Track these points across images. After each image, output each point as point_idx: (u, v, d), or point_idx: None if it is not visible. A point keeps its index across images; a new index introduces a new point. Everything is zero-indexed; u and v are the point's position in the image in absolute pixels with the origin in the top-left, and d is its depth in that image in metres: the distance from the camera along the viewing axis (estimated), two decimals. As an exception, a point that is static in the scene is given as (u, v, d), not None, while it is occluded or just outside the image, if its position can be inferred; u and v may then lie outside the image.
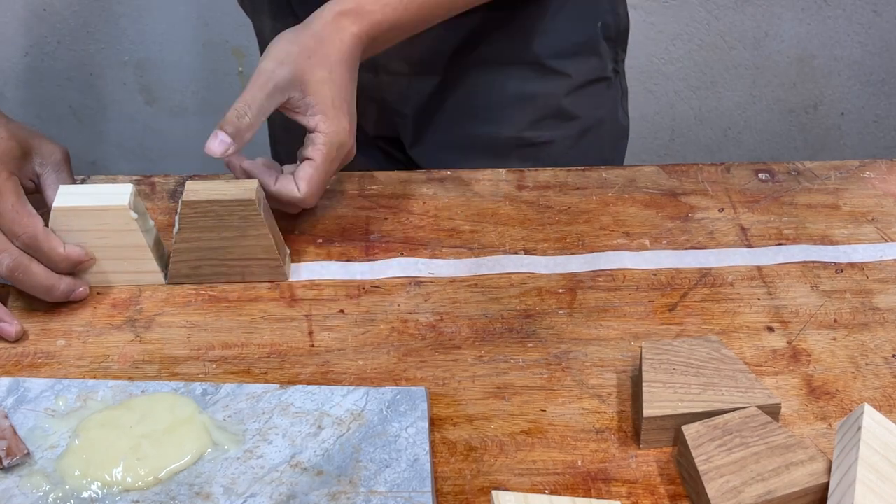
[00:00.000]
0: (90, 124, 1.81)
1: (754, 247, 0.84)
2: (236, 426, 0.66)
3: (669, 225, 0.87)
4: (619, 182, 0.92)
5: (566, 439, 0.68)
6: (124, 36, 1.72)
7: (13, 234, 0.74)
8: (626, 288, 0.80)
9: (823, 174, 0.94)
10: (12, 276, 0.74)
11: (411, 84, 0.99)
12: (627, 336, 0.76)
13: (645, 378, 0.67)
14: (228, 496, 0.62)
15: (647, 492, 0.64)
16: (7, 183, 0.74)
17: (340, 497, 0.62)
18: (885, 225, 0.87)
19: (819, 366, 0.73)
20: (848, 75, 1.79)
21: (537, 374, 0.72)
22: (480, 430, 0.68)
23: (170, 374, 0.72)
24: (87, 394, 0.69)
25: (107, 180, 0.90)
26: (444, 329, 0.76)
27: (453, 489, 0.64)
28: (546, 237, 0.85)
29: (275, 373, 0.72)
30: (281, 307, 0.78)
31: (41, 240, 0.74)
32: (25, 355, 0.73)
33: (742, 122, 1.85)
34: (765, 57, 1.77)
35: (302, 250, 0.84)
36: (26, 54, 1.71)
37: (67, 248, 0.75)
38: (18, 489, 0.62)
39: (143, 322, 0.77)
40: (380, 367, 0.73)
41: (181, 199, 0.76)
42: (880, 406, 0.70)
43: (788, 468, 0.61)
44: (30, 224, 0.74)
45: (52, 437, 0.65)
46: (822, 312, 0.78)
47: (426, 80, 0.99)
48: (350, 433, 0.66)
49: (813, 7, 1.72)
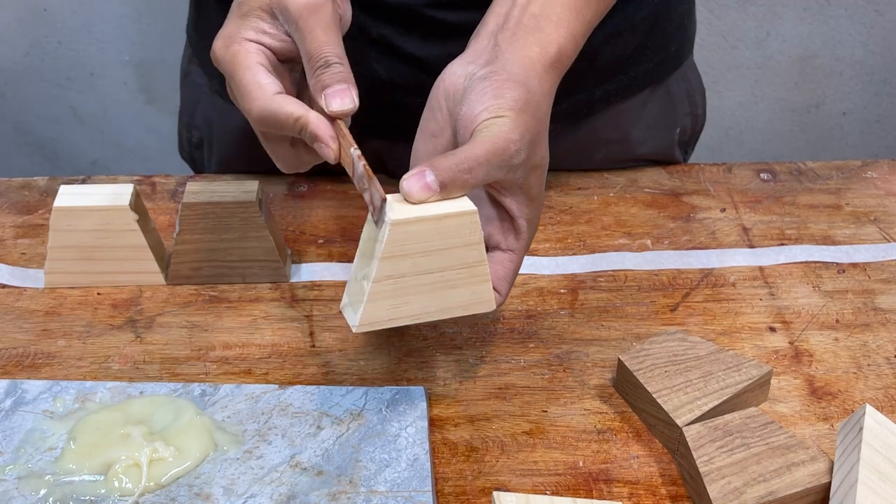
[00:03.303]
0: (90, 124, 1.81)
1: (756, 247, 0.84)
2: (235, 427, 0.66)
3: (671, 225, 0.87)
4: (621, 182, 0.92)
5: (567, 440, 0.67)
6: (124, 36, 1.72)
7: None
8: (628, 288, 0.80)
9: (825, 174, 0.93)
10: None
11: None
12: (629, 337, 0.75)
13: (650, 388, 0.67)
14: (228, 497, 0.61)
15: (649, 492, 0.64)
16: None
17: (341, 497, 0.62)
18: (887, 225, 0.87)
19: (821, 366, 0.73)
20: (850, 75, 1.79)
21: (539, 375, 0.72)
22: (482, 431, 0.68)
23: (170, 375, 0.72)
24: (86, 395, 0.69)
25: (107, 180, 0.90)
26: (446, 329, 0.76)
27: (454, 490, 0.64)
28: (547, 237, 0.85)
29: (275, 373, 0.72)
30: (282, 308, 0.78)
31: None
32: (26, 356, 0.73)
33: (744, 121, 1.85)
34: (766, 56, 1.77)
35: (303, 251, 0.84)
36: (26, 54, 1.71)
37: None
38: (17, 491, 0.62)
39: (144, 322, 0.76)
40: (381, 367, 0.73)
41: (181, 200, 0.76)
42: (882, 407, 0.70)
43: (790, 469, 0.61)
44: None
45: (51, 439, 0.65)
46: (824, 313, 0.78)
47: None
48: (350, 433, 0.66)
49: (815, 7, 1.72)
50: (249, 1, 0.67)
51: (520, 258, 0.67)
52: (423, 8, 0.82)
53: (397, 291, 0.60)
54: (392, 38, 0.84)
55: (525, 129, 0.63)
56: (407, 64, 0.84)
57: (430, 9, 0.82)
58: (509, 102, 0.63)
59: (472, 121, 0.63)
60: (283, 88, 0.65)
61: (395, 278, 0.59)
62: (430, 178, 0.60)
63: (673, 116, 0.96)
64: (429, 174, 0.60)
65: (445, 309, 0.62)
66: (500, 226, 0.67)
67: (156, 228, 0.81)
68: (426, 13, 0.82)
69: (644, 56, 0.91)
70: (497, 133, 0.62)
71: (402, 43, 0.84)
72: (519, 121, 0.63)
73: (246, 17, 0.67)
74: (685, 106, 0.97)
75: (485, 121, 0.62)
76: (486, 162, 0.61)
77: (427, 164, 0.61)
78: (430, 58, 0.82)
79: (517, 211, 0.66)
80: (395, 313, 0.60)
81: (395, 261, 0.59)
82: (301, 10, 0.65)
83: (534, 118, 0.64)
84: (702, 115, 1.00)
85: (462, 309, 0.62)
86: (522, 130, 0.63)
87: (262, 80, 0.65)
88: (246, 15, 0.67)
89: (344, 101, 0.64)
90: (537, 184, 0.66)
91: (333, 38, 0.65)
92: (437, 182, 0.60)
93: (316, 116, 0.63)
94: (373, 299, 0.59)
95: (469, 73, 0.65)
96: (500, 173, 0.63)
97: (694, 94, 0.98)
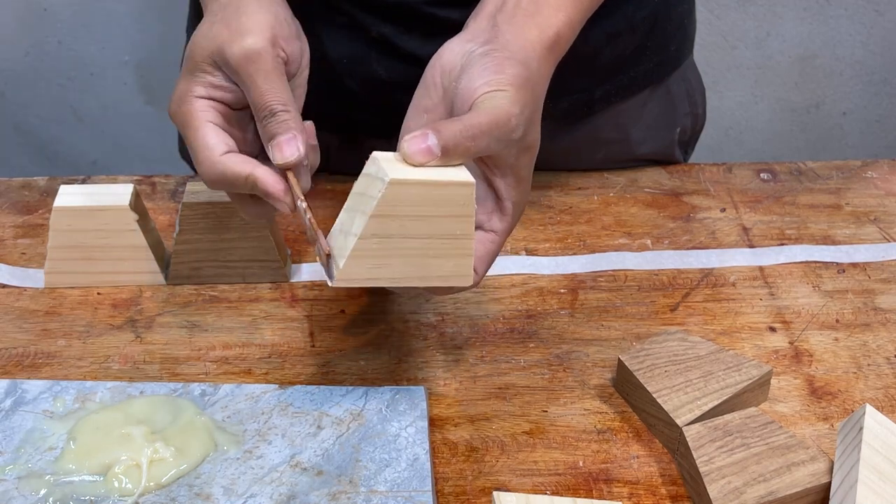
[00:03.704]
0: (90, 124, 1.81)
1: (756, 247, 0.84)
2: (235, 427, 0.66)
3: (671, 225, 0.87)
4: (621, 182, 0.92)
5: (567, 440, 0.67)
6: (124, 36, 1.71)
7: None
8: (628, 288, 0.80)
9: (825, 174, 0.93)
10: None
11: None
12: (629, 336, 0.75)
13: (650, 388, 0.67)
14: (228, 497, 0.61)
15: (649, 492, 0.64)
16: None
17: (341, 497, 0.62)
18: (887, 225, 0.87)
19: (821, 366, 0.73)
20: (850, 75, 1.79)
21: (539, 375, 0.72)
22: (482, 431, 0.68)
23: (170, 375, 0.72)
24: (86, 395, 0.69)
25: (107, 180, 0.90)
26: (446, 329, 0.76)
27: (455, 490, 0.64)
28: (548, 237, 0.85)
29: (275, 373, 0.72)
30: (282, 307, 0.78)
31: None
32: (26, 356, 0.73)
33: (744, 121, 1.84)
34: (766, 56, 1.77)
35: (303, 251, 0.84)
36: (26, 54, 1.71)
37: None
38: (17, 491, 0.62)
39: (144, 322, 0.76)
40: (381, 367, 0.73)
41: (181, 200, 0.76)
42: (882, 406, 0.70)
43: (790, 468, 0.61)
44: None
45: (51, 439, 0.65)
46: (824, 313, 0.78)
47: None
48: (349, 433, 0.66)
49: (815, 7, 1.72)
50: (194, 55, 0.66)
51: (502, 241, 0.66)
52: (423, 6, 0.82)
53: (381, 251, 0.59)
54: (392, 37, 0.84)
55: (524, 104, 0.63)
56: (407, 63, 0.84)
57: (430, 7, 0.82)
58: (509, 78, 0.63)
59: (471, 93, 0.63)
60: (233, 146, 0.65)
61: (381, 237, 0.58)
62: (433, 141, 0.59)
63: (673, 116, 0.96)
64: (431, 137, 0.59)
65: (424, 277, 0.61)
66: (486, 205, 0.66)
67: (156, 228, 0.81)
68: (426, 11, 0.82)
69: (644, 56, 0.91)
70: (499, 105, 0.61)
71: (403, 42, 0.84)
72: (518, 97, 0.62)
73: (193, 73, 0.67)
74: (685, 106, 0.97)
75: (485, 93, 0.62)
76: (487, 132, 0.61)
77: (430, 127, 0.60)
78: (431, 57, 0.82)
79: (505, 192, 0.65)
80: (374, 273, 0.59)
81: (384, 220, 0.58)
82: (239, 60, 0.64)
83: (532, 97, 0.64)
84: (702, 114, 1.00)
85: (440, 280, 0.61)
86: (522, 106, 0.62)
87: (210, 140, 0.65)
88: (193, 70, 0.67)
89: (291, 150, 0.63)
90: (527, 166, 0.65)
91: (277, 86, 0.64)
92: (440, 146, 0.59)
93: (264, 172, 0.63)
94: (355, 255, 0.58)
95: (467, 51, 0.65)
96: (499, 146, 0.62)
97: (694, 94, 0.98)
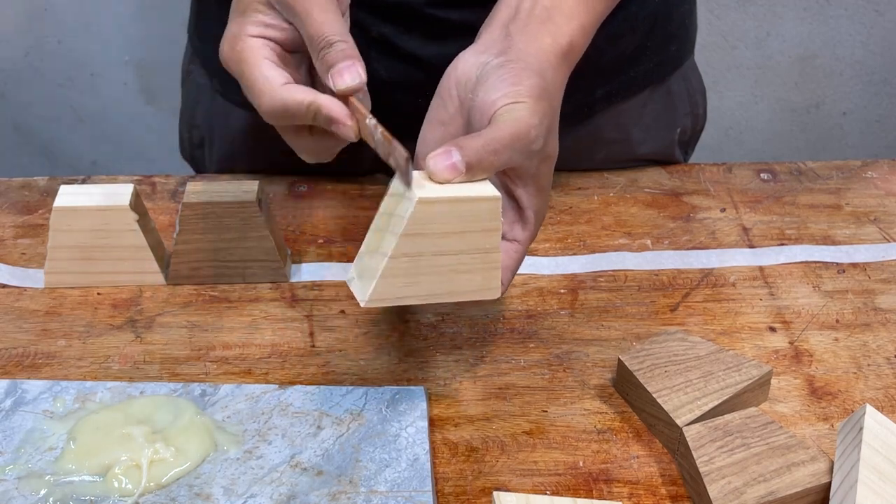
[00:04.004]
0: (90, 124, 1.81)
1: (756, 247, 0.84)
2: (235, 427, 0.66)
3: (671, 225, 0.87)
4: (621, 182, 0.92)
5: (568, 440, 0.67)
6: (124, 36, 1.72)
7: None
8: (628, 288, 0.80)
9: (825, 174, 0.93)
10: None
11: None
12: (629, 337, 0.75)
13: (650, 388, 0.67)
14: (228, 497, 0.61)
15: (649, 493, 0.64)
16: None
17: (341, 497, 0.62)
18: (887, 225, 0.87)
19: (821, 366, 0.73)
20: (850, 75, 1.79)
21: (539, 375, 0.72)
22: (482, 431, 0.68)
23: (170, 375, 0.72)
24: (86, 395, 0.69)
25: (107, 180, 0.90)
26: (446, 329, 0.76)
27: (455, 490, 0.64)
28: (548, 237, 0.85)
29: (275, 373, 0.72)
30: (282, 307, 0.78)
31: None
32: (26, 356, 0.73)
33: (744, 121, 1.84)
34: (766, 56, 1.77)
35: (303, 251, 0.84)
36: (26, 54, 1.71)
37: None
38: (17, 491, 0.62)
39: (144, 322, 0.76)
40: (381, 367, 0.73)
41: (182, 200, 0.76)
42: (882, 407, 0.70)
43: (790, 469, 0.61)
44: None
45: (51, 439, 0.65)
46: (824, 313, 0.78)
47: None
48: (350, 433, 0.66)
49: (815, 7, 1.72)
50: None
51: (524, 249, 0.67)
52: (423, 6, 0.82)
53: (411, 270, 0.59)
54: (392, 38, 0.84)
55: (543, 115, 0.63)
56: (407, 63, 0.84)
57: (430, 7, 0.82)
58: (527, 90, 0.63)
59: (490, 106, 0.62)
60: (291, 79, 0.65)
61: (412, 256, 0.59)
62: (457, 157, 0.59)
63: (673, 116, 0.96)
64: (455, 154, 0.59)
65: (454, 292, 0.61)
66: (508, 215, 0.66)
67: (156, 228, 0.81)
68: (426, 12, 0.82)
69: (645, 56, 0.91)
70: (518, 118, 0.61)
71: (403, 42, 0.84)
72: (537, 107, 0.62)
73: (246, 14, 0.66)
74: (685, 106, 0.97)
75: (504, 106, 0.62)
76: (509, 145, 0.61)
77: (453, 144, 0.60)
78: (431, 57, 0.82)
79: (526, 202, 0.65)
80: (405, 291, 0.60)
81: (415, 239, 0.58)
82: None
83: (550, 106, 0.64)
84: (702, 115, 1.00)
85: (469, 294, 0.62)
86: (541, 116, 0.63)
87: (268, 73, 0.64)
88: (245, 11, 0.66)
89: (352, 76, 0.62)
90: (547, 174, 0.66)
91: (332, 17, 0.64)
92: (464, 163, 0.59)
93: (327, 98, 0.62)
94: (386, 275, 0.59)
95: (482, 63, 0.65)
96: (520, 158, 0.62)
97: (694, 94, 0.98)
